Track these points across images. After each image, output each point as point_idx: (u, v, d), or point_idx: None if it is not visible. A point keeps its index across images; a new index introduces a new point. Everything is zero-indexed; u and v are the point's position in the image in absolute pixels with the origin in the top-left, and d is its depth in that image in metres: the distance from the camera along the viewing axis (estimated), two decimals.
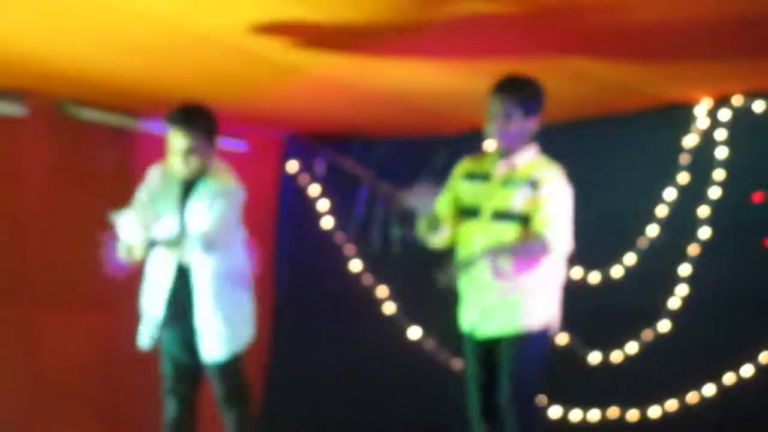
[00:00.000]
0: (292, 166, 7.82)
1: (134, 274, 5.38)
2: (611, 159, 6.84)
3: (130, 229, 5.06)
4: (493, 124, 4.88)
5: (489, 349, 4.90)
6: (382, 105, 6.60)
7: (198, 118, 5.22)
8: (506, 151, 4.92)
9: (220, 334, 5.26)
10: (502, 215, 4.85)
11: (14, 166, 6.40)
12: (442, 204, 5.01)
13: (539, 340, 4.86)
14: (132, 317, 5.51)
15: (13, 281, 6.44)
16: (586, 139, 6.80)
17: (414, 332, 7.41)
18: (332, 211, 7.74)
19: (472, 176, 5.03)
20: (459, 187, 5.05)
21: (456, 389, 6.07)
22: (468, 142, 7.01)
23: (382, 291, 7.57)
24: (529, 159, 4.93)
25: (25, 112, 6.30)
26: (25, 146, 6.43)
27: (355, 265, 7.65)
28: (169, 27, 4.90)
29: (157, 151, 6.76)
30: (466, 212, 4.96)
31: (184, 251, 5.20)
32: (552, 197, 4.84)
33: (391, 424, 7.43)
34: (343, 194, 7.66)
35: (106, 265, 5.15)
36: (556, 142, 6.02)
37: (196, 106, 5.27)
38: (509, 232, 4.83)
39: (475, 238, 4.88)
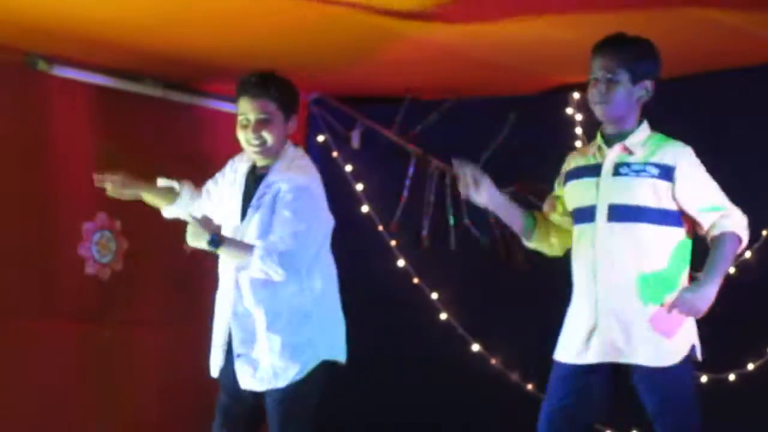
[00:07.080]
0: (321, 137, 7.17)
1: None
2: (739, 115, 6.37)
3: None
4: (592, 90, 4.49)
5: None
6: (440, 59, 6.06)
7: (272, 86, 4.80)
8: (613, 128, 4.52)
9: None
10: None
11: None
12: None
13: None
14: None
15: None
16: (709, 94, 6.38)
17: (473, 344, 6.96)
18: (370, 195, 7.12)
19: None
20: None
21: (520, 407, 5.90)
22: (545, 102, 6.81)
23: (433, 294, 6.98)
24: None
25: None
26: None
27: (401, 263, 7.05)
28: None
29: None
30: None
31: None
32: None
33: None
34: (385, 173, 7.09)
35: None
36: (674, 98, 5.68)
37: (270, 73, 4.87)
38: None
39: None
